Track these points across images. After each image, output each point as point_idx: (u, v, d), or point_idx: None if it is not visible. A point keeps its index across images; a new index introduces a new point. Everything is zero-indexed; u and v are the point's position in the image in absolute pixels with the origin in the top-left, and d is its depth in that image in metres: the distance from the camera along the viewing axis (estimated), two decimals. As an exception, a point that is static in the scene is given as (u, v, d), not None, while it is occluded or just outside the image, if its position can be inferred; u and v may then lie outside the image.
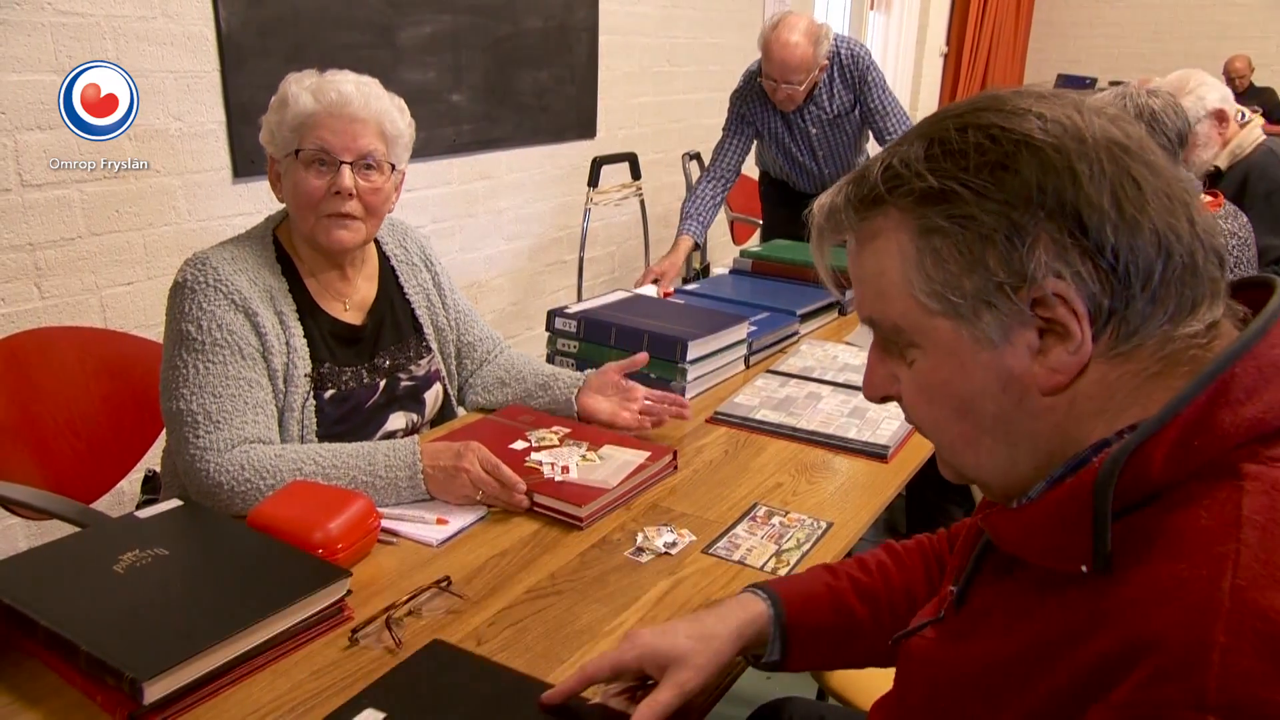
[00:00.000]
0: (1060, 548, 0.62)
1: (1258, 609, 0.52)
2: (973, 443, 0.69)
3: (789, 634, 0.97)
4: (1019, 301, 0.62)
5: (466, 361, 1.77)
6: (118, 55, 2.23)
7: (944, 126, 0.66)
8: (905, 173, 0.65)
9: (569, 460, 1.45)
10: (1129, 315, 0.62)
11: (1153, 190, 0.61)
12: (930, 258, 0.65)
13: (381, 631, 1.05)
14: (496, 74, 3.36)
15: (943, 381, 0.68)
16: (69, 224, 2.21)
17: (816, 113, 3.01)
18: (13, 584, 1.02)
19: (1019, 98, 0.65)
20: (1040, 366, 0.64)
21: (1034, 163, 0.61)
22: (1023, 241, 0.61)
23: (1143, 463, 0.60)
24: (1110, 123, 0.64)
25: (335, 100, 1.42)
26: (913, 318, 0.67)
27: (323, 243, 1.47)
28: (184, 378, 1.36)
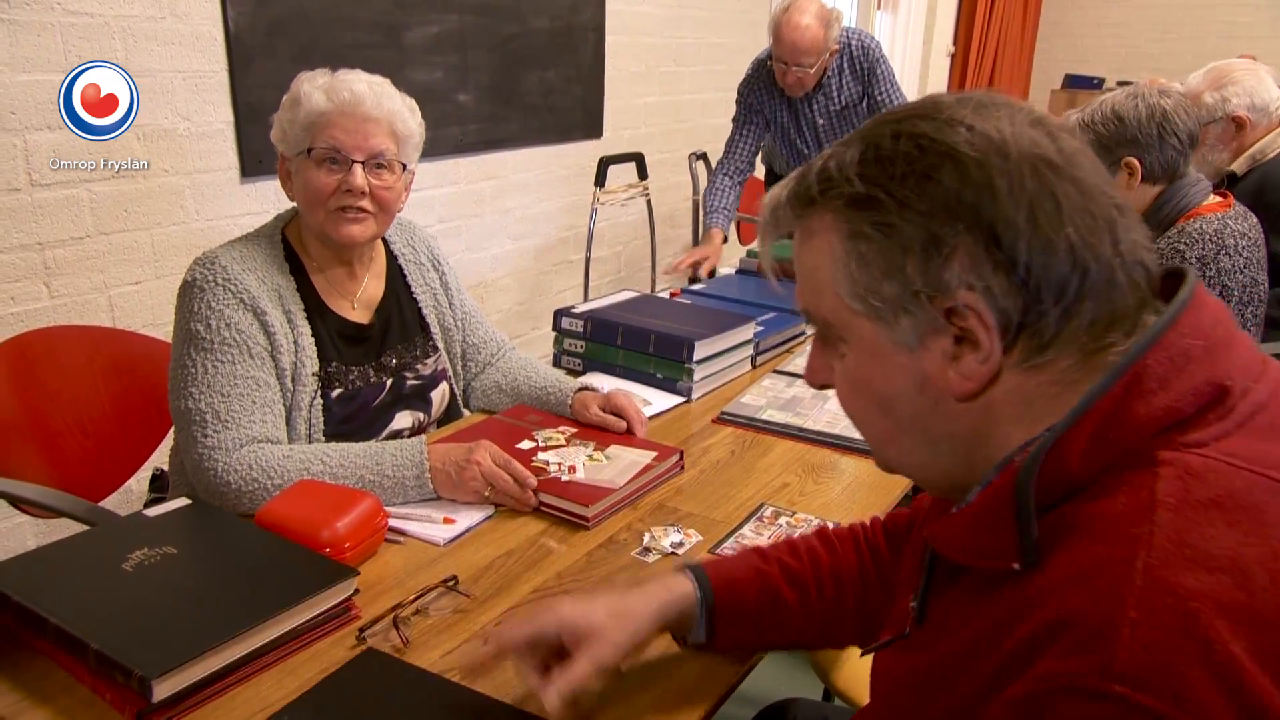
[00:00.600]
0: (991, 548, 0.64)
1: (1168, 586, 0.53)
2: (894, 439, 0.73)
3: (715, 616, 0.99)
4: (934, 310, 0.65)
5: (470, 363, 1.78)
6: (126, 55, 2.24)
7: (881, 132, 0.67)
8: (838, 176, 0.68)
9: (576, 460, 1.45)
10: (1041, 328, 0.63)
11: (1074, 208, 0.63)
12: (855, 261, 0.67)
13: (389, 630, 1.06)
14: (503, 74, 3.36)
15: (866, 379, 0.71)
16: (78, 223, 2.22)
17: (824, 103, 3.01)
18: (23, 582, 1.02)
19: (957, 107, 0.66)
20: (954, 373, 0.66)
21: (956, 175, 0.63)
22: (939, 252, 0.63)
23: (1061, 457, 0.62)
24: (1047, 136, 0.65)
25: (348, 99, 1.42)
26: (840, 315, 0.70)
27: (333, 237, 1.47)
28: (192, 377, 1.36)
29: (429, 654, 1.03)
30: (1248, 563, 0.54)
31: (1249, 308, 1.92)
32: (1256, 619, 0.52)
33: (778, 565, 1.02)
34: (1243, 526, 0.56)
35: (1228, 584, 0.53)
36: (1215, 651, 0.51)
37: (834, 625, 1.01)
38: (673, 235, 4.61)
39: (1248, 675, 0.51)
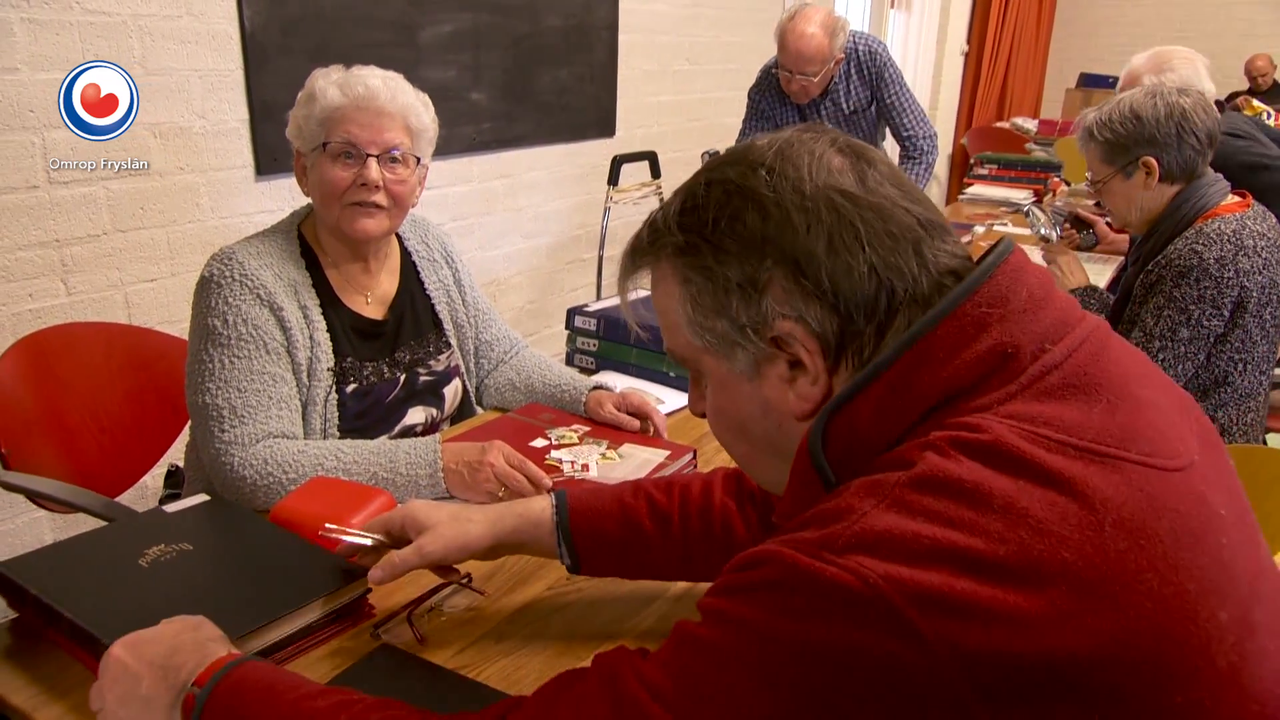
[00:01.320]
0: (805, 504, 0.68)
1: (909, 498, 0.59)
2: (754, 460, 0.80)
3: (575, 541, 1.05)
4: (761, 341, 0.70)
5: (483, 361, 1.78)
6: (143, 54, 2.25)
7: (698, 181, 0.74)
8: (662, 228, 0.75)
9: (589, 458, 1.46)
10: (860, 345, 0.69)
11: (873, 233, 0.68)
12: (689, 303, 0.73)
13: (403, 627, 1.06)
14: (516, 72, 3.37)
15: (721, 408, 0.77)
16: (95, 220, 2.24)
17: (832, 109, 3.01)
18: (41, 575, 1.03)
19: (763, 150, 0.72)
20: (792, 395, 0.72)
21: (758, 216, 0.69)
22: (755, 288, 0.69)
23: (851, 420, 0.67)
24: (851, 167, 0.70)
25: (362, 94, 1.43)
26: (690, 352, 0.76)
27: (347, 231, 1.48)
28: (209, 372, 1.37)
29: (444, 651, 1.04)
30: (989, 492, 0.59)
31: (1268, 309, 1.91)
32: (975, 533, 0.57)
33: (645, 499, 1.07)
34: (998, 465, 0.60)
35: (962, 505, 0.58)
36: (918, 545, 0.57)
37: (699, 560, 1.05)
38: (685, 234, 4.61)
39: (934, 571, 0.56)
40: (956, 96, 7.45)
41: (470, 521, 1.05)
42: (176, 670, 0.83)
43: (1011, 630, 0.55)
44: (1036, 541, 0.57)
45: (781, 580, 0.60)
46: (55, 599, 0.99)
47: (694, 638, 0.64)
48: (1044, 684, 0.55)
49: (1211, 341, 1.90)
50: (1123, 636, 0.56)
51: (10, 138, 2.06)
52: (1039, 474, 0.60)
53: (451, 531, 1.03)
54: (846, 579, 0.57)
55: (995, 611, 0.55)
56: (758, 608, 0.60)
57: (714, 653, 0.62)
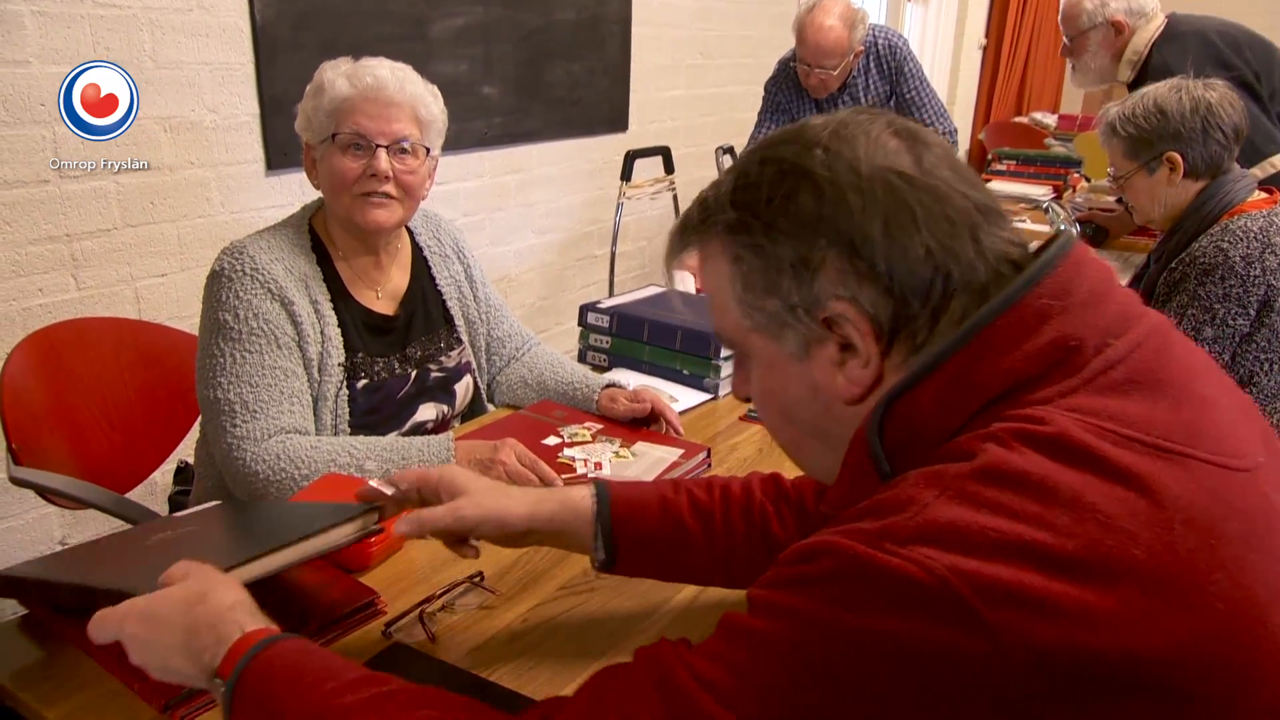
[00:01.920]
0: (859, 496, 0.68)
1: (972, 490, 0.59)
2: (800, 445, 0.80)
3: (615, 536, 1.02)
4: (812, 321, 0.70)
5: (495, 358, 1.79)
6: (154, 47, 2.26)
7: (752, 159, 0.74)
8: (714, 205, 0.75)
9: (602, 457, 1.46)
10: (914, 330, 0.68)
11: (930, 215, 0.67)
12: (740, 281, 0.73)
13: (415, 626, 1.07)
14: (528, 66, 3.37)
15: (768, 390, 0.77)
16: (105, 215, 2.25)
17: (851, 103, 3.00)
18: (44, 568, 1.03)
19: (818, 130, 0.72)
20: (841, 378, 0.71)
21: (813, 195, 0.69)
22: (808, 267, 0.69)
23: (910, 411, 0.67)
24: (907, 149, 0.70)
25: (371, 85, 1.44)
26: (738, 333, 0.76)
27: (358, 222, 1.48)
28: (221, 367, 1.38)
29: (455, 650, 1.04)
30: (1055, 485, 0.58)
31: (1295, 308, 1.90)
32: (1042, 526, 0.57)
33: (686, 495, 1.05)
34: (1064, 458, 0.60)
35: (1027, 498, 0.58)
36: (983, 538, 0.56)
37: (740, 562, 1.03)
38: (698, 230, 4.61)
39: (1002, 564, 0.55)
40: (974, 91, 7.41)
41: (510, 497, 1.01)
42: (199, 654, 0.79)
43: (1082, 627, 0.54)
44: (1106, 537, 0.56)
45: (841, 571, 0.59)
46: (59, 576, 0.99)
47: (747, 630, 0.63)
48: (1114, 683, 0.54)
49: (1237, 341, 1.89)
50: (1193, 638, 0.55)
51: (21, 131, 2.07)
52: (1105, 468, 0.59)
53: (490, 501, 1.00)
54: (911, 570, 0.56)
55: (1065, 607, 0.54)
56: (817, 599, 0.60)
57: (771, 645, 0.61)
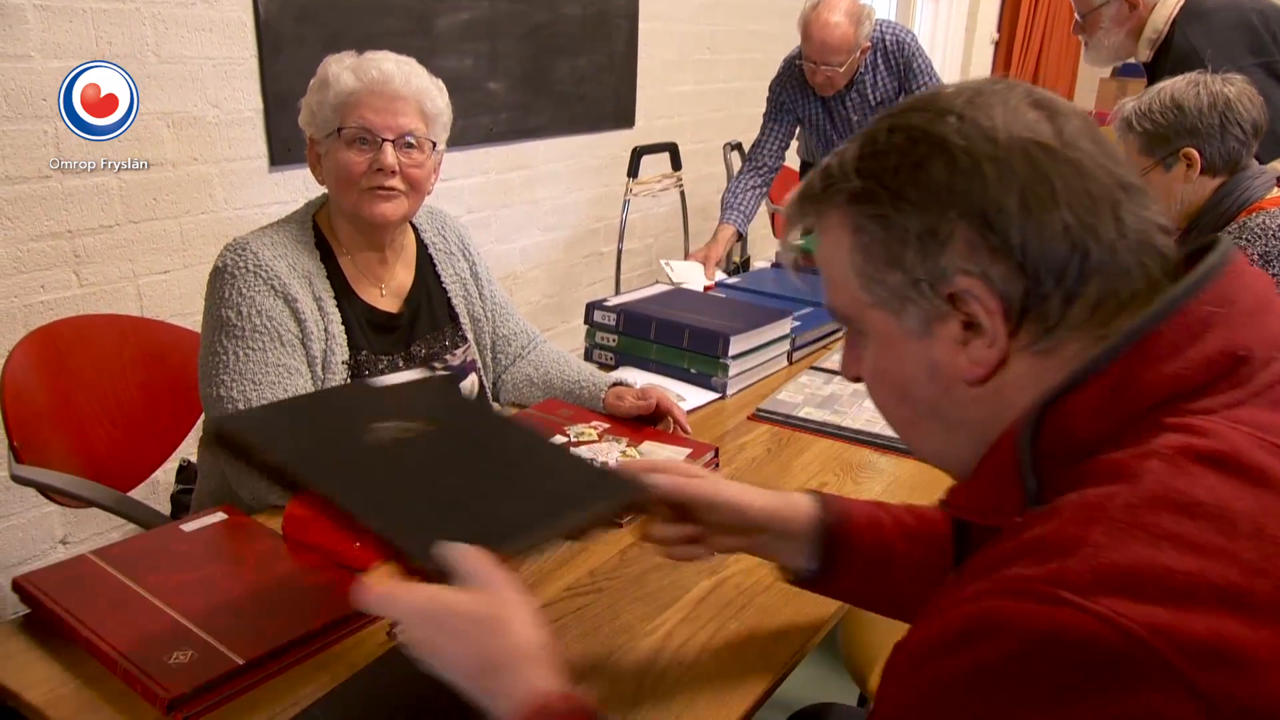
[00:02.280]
0: (996, 503, 0.67)
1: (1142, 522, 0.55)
2: (914, 425, 0.76)
3: (831, 543, 0.98)
4: (936, 297, 0.67)
5: (500, 356, 1.78)
6: (156, 42, 2.26)
7: (879, 127, 0.71)
8: (838, 174, 0.72)
9: (608, 456, 1.46)
10: (1045, 311, 0.65)
11: (1070, 190, 0.64)
12: (860, 254, 0.70)
13: (420, 626, 1.06)
14: (534, 62, 3.37)
15: (883, 368, 0.74)
16: (107, 211, 2.25)
17: (858, 101, 2.99)
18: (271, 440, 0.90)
19: (952, 97, 0.69)
20: (963, 358, 0.68)
21: (945, 164, 0.66)
22: (936, 240, 0.66)
23: (1066, 419, 0.64)
24: (1046, 119, 0.67)
25: (376, 78, 1.44)
26: (855, 308, 0.73)
27: (365, 216, 1.48)
28: (224, 364, 1.38)
29: (460, 650, 1.04)
30: (1234, 513, 0.55)
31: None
32: (1230, 563, 0.53)
33: (890, 514, 1.02)
34: (1238, 481, 0.56)
35: (1207, 529, 0.54)
36: (1173, 582, 0.52)
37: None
38: (706, 228, 4.58)
39: (1199, 614, 0.51)
40: (986, 87, 7.40)
41: (748, 488, 1.00)
42: (490, 692, 0.72)
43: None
44: None
45: (1019, 653, 0.52)
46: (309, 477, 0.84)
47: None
48: None
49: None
50: None
51: (22, 126, 2.08)
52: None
53: (734, 486, 0.99)
54: (1103, 632, 0.50)
55: (1267, 659, 0.50)
56: (995, 698, 0.53)
57: None
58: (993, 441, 0.69)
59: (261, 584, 1.13)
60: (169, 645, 0.99)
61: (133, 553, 1.17)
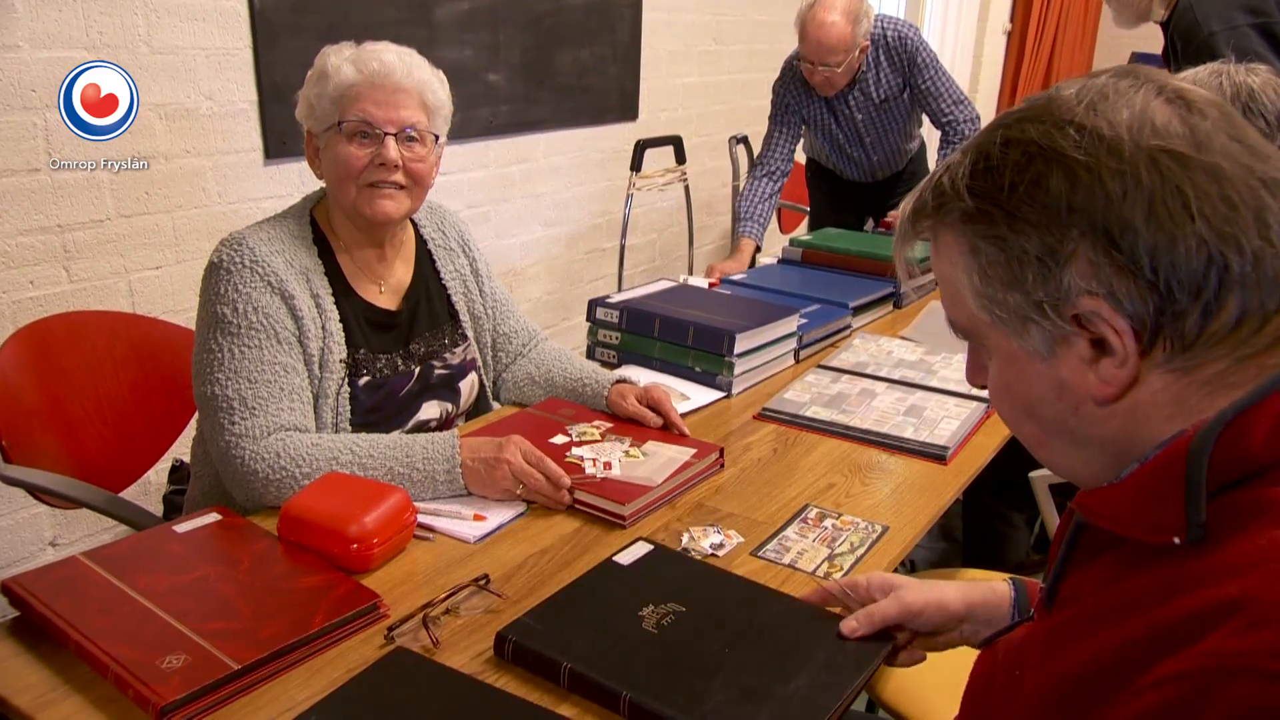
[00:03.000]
0: (1153, 519, 0.63)
1: None
2: (1043, 442, 0.74)
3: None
4: (1059, 319, 0.66)
5: (501, 354, 1.79)
6: (148, 31, 2.27)
7: (992, 139, 0.69)
8: (950, 191, 0.70)
9: (611, 456, 1.46)
10: (1182, 328, 0.63)
11: (1205, 198, 0.62)
12: (977, 274, 0.69)
13: (418, 630, 1.07)
14: (535, 53, 3.37)
15: (1007, 384, 0.73)
16: (98, 205, 2.26)
17: (862, 99, 2.99)
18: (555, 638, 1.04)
19: (1072, 103, 0.67)
20: (1093, 377, 0.66)
21: (1065, 181, 0.64)
22: (1056, 261, 0.65)
23: (1242, 435, 0.60)
24: (1179, 118, 0.64)
25: (378, 70, 1.44)
26: (975, 325, 0.72)
27: (366, 213, 1.48)
28: (219, 362, 1.38)
29: (460, 655, 1.04)
30: None
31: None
32: None
33: None
34: None
35: None
36: None
37: None
38: (710, 223, 4.60)
39: None
40: (998, 78, 7.38)
41: (941, 586, 1.06)
42: None
43: None
44: None
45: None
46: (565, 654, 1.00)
47: None
48: None
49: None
50: None
51: (11, 118, 2.08)
52: None
53: (927, 589, 1.05)
54: None
55: None
56: None
57: None
58: (1121, 455, 0.68)
59: (256, 586, 1.13)
60: (161, 649, 0.99)
61: (124, 554, 1.17)
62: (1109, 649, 0.61)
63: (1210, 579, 0.57)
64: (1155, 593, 0.60)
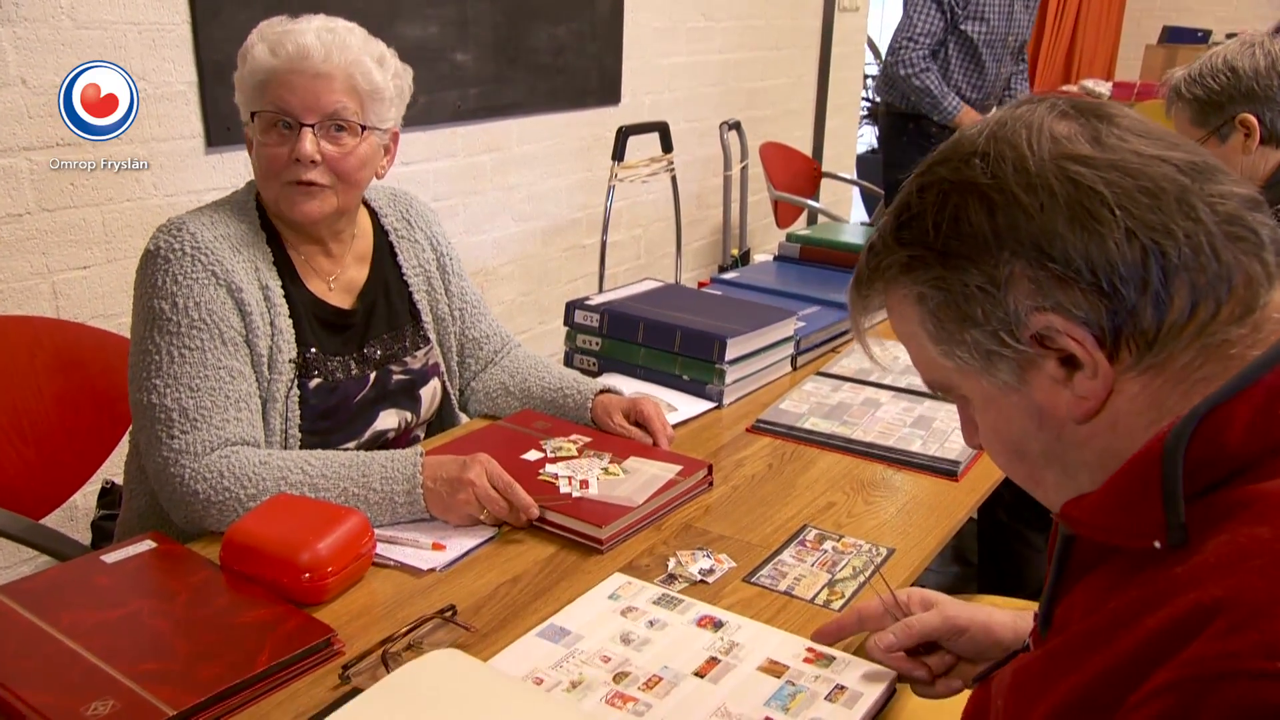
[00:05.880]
0: (1131, 523, 0.68)
1: None
2: (1038, 480, 0.80)
3: None
4: (1019, 342, 0.71)
5: (470, 361, 1.79)
6: (72, 4, 2.26)
7: (909, 190, 0.77)
8: (882, 249, 0.78)
9: (589, 474, 1.46)
10: (1141, 323, 0.68)
11: (1125, 192, 0.67)
12: (930, 321, 0.76)
13: (377, 668, 1.06)
14: (508, 29, 3.38)
15: (992, 429, 0.79)
16: (16, 198, 2.24)
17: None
18: None
19: (971, 139, 0.74)
20: (1068, 395, 0.72)
21: (983, 208, 0.71)
22: (998, 287, 0.71)
23: (1218, 431, 0.65)
24: (1079, 126, 0.71)
25: (292, 53, 1.42)
26: (946, 376, 0.79)
27: (287, 215, 1.48)
28: (156, 366, 1.38)
29: (421, 695, 1.04)
30: None
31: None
32: None
33: None
34: None
35: None
36: None
37: None
38: (700, 217, 4.62)
39: None
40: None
41: (991, 608, 1.07)
42: None
43: None
44: None
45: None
46: None
47: None
48: None
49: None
50: None
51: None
52: None
53: (974, 608, 1.06)
54: None
55: None
56: None
57: None
58: (1111, 473, 0.71)
59: (195, 621, 1.13)
60: (87, 694, 0.98)
61: (45, 588, 1.17)
62: (1100, 672, 0.64)
63: (1192, 583, 0.60)
64: (1141, 604, 0.63)
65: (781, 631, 1.16)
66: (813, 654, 1.12)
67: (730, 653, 1.12)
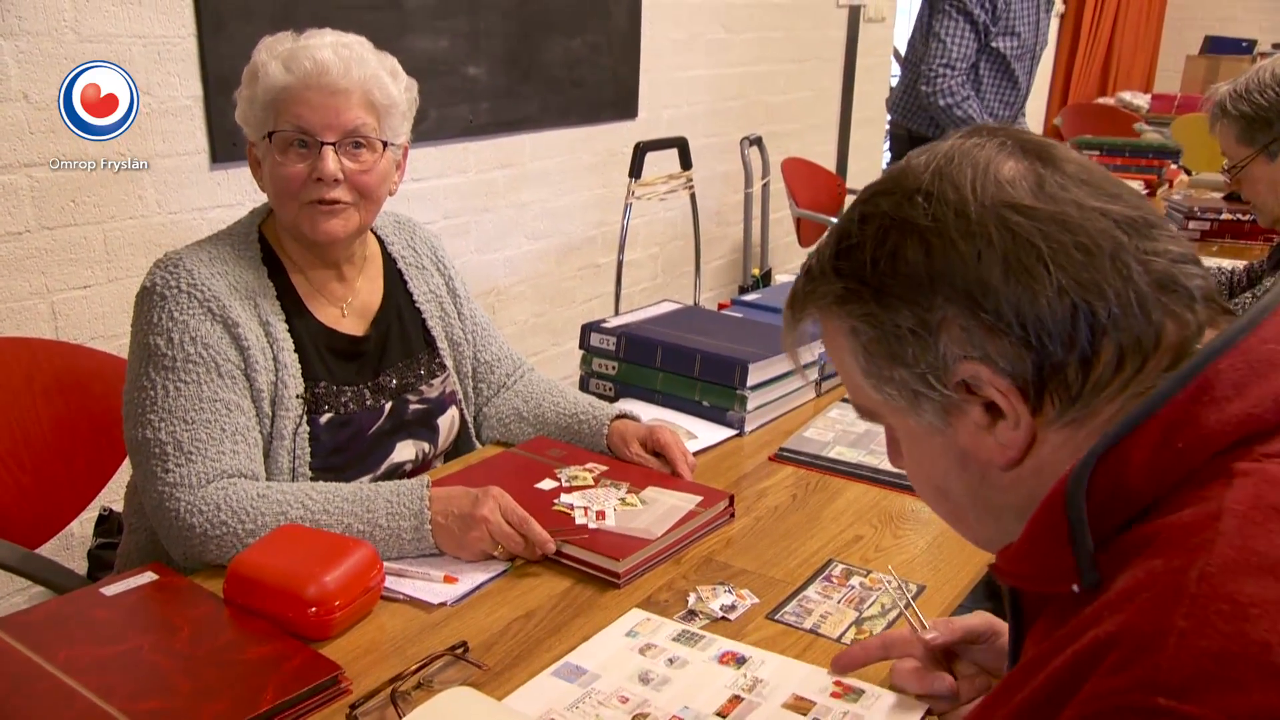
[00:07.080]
0: (1047, 570, 0.71)
1: (1224, 593, 0.58)
2: (960, 518, 0.84)
3: None
4: (945, 387, 0.74)
5: (482, 385, 1.79)
6: (76, 17, 2.29)
7: (851, 216, 0.79)
8: (819, 275, 0.80)
9: (605, 504, 1.46)
10: (1066, 379, 0.71)
11: (1061, 248, 0.70)
12: (861, 354, 0.78)
13: (385, 708, 1.07)
14: (520, 42, 3.40)
15: (916, 463, 0.83)
16: (15, 216, 2.27)
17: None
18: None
19: (920, 172, 0.75)
20: (991, 442, 0.75)
21: (920, 250, 0.73)
22: (929, 330, 0.73)
23: (1117, 470, 0.67)
24: (1029, 170, 0.73)
25: (310, 70, 1.43)
26: (874, 406, 0.81)
27: (309, 235, 1.49)
28: (151, 400, 1.39)
29: (431, 736, 1.04)
30: None
31: None
32: None
33: None
34: None
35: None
36: (1272, 656, 0.54)
37: None
38: (720, 235, 4.63)
39: None
40: (1050, 66, 7.43)
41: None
42: None
43: None
44: None
45: None
46: None
47: None
48: None
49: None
50: None
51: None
52: None
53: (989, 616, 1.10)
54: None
55: None
56: None
57: None
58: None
59: (197, 658, 1.13)
60: (87, 731, 0.98)
61: (42, 621, 1.17)
62: (1017, 709, 0.66)
63: (1094, 620, 0.63)
64: (1055, 645, 0.65)
65: (807, 665, 1.16)
66: (841, 688, 1.11)
67: (754, 690, 1.12)
